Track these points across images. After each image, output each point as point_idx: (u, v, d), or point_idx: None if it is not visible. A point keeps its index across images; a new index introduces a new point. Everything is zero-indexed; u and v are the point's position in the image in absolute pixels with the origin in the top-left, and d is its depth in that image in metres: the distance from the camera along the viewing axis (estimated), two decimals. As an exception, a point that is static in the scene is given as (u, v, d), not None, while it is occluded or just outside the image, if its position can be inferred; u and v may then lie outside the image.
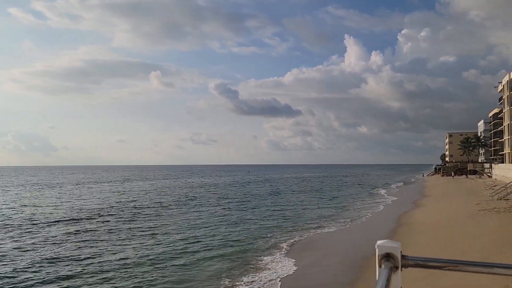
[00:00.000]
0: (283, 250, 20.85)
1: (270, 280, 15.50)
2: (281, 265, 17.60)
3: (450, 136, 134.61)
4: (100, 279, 16.03)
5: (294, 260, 18.30)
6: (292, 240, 23.25)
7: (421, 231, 23.56)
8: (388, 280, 1.48)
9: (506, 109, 71.58)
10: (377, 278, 1.50)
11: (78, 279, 16.16)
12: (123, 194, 59.77)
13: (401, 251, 1.59)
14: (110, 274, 16.60)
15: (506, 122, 72.51)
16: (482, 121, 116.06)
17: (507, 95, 69.26)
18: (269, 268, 17.27)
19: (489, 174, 74.82)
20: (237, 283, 15.31)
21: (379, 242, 1.64)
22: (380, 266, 1.58)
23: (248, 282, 15.42)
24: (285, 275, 16.13)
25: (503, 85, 72.68)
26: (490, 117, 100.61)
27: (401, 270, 1.58)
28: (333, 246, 21.82)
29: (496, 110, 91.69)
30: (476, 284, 10.52)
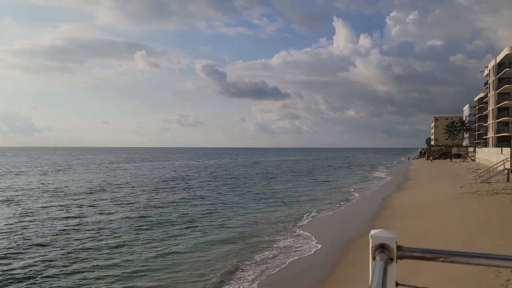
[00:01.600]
0: (268, 232, 20.90)
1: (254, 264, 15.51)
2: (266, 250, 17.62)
3: (436, 120, 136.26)
4: (106, 266, 15.60)
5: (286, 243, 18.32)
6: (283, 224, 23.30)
7: (404, 214, 23.81)
8: (385, 274, 1.37)
9: (491, 93, 72.37)
10: (370, 271, 1.41)
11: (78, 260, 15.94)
12: (113, 176, 59.17)
13: (396, 242, 1.49)
14: (111, 261, 16.00)
15: (490, 107, 73.42)
16: (467, 106, 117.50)
17: (493, 80, 69.93)
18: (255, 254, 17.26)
19: (472, 158, 76.03)
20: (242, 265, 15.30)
21: (373, 232, 1.54)
22: (373, 258, 1.47)
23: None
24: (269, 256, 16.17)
25: (489, 70, 73.28)
26: (476, 101, 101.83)
27: (396, 262, 1.49)
28: (319, 229, 21.89)
29: (481, 95, 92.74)
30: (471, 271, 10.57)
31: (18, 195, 36.13)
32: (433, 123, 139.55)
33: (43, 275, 14.49)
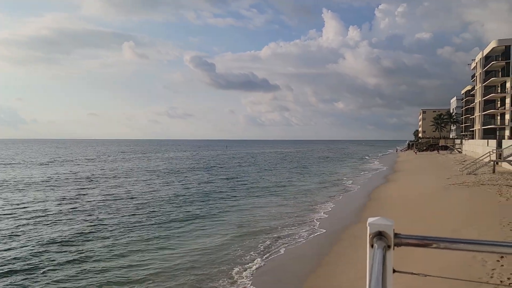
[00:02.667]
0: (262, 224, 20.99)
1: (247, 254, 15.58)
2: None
3: (424, 112, 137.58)
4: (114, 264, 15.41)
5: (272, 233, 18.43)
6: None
7: (393, 205, 24.09)
8: (384, 261, 1.41)
9: (478, 86, 73.20)
10: (368, 258, 1.45)
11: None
12: (106, 171, 58.62)
13: (394, 229, 1.53)
14: (126, 260, 15.66)
15: (477, 99, 74.31)
16: (454, 98, 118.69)
17: (480, 73, 70.70)
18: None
19: (459, 150, 77.14)
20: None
21: (370, 219, 1.56)
22: (371, 245, 1.50)
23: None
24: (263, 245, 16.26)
25: (476, 63, 74.04)
26: (463, 94, 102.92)
27: (394, 249, 1.52)
28: (310, 220, 22.04)
29: (468, 87, 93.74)
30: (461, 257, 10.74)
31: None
32: (420, 116, 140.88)
33: (46, 270, 14.38)
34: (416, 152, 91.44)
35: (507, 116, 61.72)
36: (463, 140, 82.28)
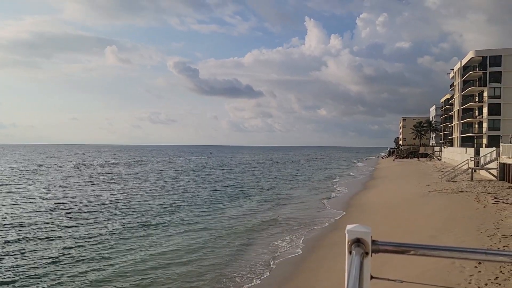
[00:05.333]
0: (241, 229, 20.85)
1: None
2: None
3: (404, 120, 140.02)
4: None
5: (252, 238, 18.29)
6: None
7: (373, 211, 24.28)
8: (361, 267, 1.45)
9: (456, 95, 74.90)
10: (346, 265, 1.47)
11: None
12: (98, 179, 57.47)
13: (371, 236, 1.56)
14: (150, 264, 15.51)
15: (456, 108, 75.99)
16: (434, 106, 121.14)
17: (458, 82, 72.38)
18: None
19: (438, 157, 78.53)
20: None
21: (349, 226, 1.59)
22: (350, 252, 1.53)
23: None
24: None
25: (455, 73, 75.83)
26: (442, 102, 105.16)
27: (371, 255, 1.55)
28: (293, 225, 22.00)
29: (447, 96, 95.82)
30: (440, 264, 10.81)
31: None
32: (401, 123, 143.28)
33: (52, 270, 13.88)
34: (394, 159, 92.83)
35: (484, 125, 63.28)
36: (442, 147, 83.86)
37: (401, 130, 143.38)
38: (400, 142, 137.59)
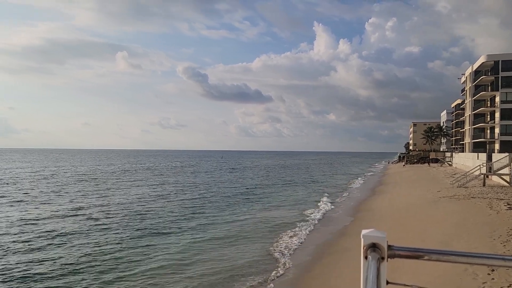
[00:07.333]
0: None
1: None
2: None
3: (415, 125, 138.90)
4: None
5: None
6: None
7: (383, 217, 24.03)
8: (378, 272, 1.42)
9: (468, 100, 74.12)
10: (362, 270, 1.46)
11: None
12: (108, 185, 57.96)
13: (387, 241, 1.53)
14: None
15: (467, 113, 75.18)
16: (445, 112, 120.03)
17: (469, 87, 71.64)
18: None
19: (449, 163, 77.63)
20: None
21: (364, 231, 1.56)
22: (365, 257, 1.50)
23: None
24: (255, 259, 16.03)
25: (466, 77, 75.08)
26: (453, 107, 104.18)
27: (387, 261, 1.52)
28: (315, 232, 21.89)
29: (458, 101, 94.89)
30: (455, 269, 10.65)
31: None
32: (411, 128, 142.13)
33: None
34: (404, 165, 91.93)
35: (496, 130, 62.46)
36: (453, 153, 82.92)
37: (411, 136, 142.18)
38: (411, 148, 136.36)
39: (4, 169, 76.73)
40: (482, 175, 35.95)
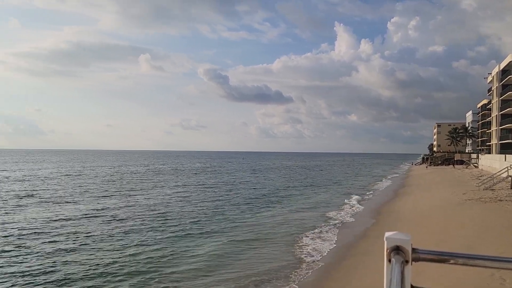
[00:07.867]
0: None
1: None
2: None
3: (439, 126, 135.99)
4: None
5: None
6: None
7: (405, 219, 23.72)
8: (402, 276, 1.35)
9: (494, 100, 72.16)
10: (385, 273, 1.39)
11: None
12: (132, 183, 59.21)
13: (411, 244, 1.46)
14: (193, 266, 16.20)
15: (494, 113, 73.17)
16: (470, 112, 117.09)
17: (496, 86, 69.73)
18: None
19: (475, 165, 75.68)
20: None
21: (387, 234, 1.49)
22: (389, 259, 1.44)
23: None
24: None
25: (493, 76, 73.09)
26: (479, 108, 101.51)
27: (411, 264, 1.45)
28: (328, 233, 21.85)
29: (484, 101, 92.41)
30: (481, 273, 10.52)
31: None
32: (435, 129, 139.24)
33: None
34: (427, 167, 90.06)
35: (525, 131, 60.60)
36: (479, 154, 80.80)
37: (435, 137, 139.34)
38: (434, 149, 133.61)
39: (36, 170, 79.30)
40: (510, 177, 34.95)
